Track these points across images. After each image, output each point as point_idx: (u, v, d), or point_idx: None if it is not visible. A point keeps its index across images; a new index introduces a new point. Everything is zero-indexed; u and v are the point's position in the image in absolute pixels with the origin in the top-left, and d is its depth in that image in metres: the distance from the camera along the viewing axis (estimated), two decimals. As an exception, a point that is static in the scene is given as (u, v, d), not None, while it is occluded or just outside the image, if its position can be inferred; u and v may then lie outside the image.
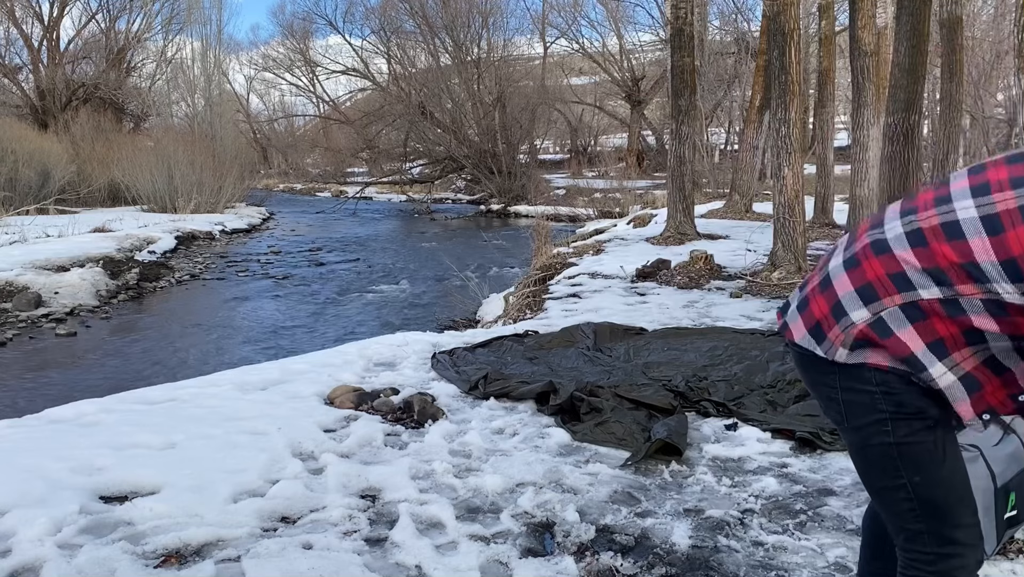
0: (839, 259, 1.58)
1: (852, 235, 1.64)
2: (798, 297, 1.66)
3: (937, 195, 1.49)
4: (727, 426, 3.76)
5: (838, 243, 1.69)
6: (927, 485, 1.53)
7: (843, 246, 1.63)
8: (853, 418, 1.56)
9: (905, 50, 8.77)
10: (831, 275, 1.57)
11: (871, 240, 1.53)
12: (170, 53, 30.55)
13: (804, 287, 1.66)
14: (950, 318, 1.43)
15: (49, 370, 6.92)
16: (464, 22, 28.23)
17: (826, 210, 12.56)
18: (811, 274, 1.69)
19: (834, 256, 1.62)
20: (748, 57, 24.58)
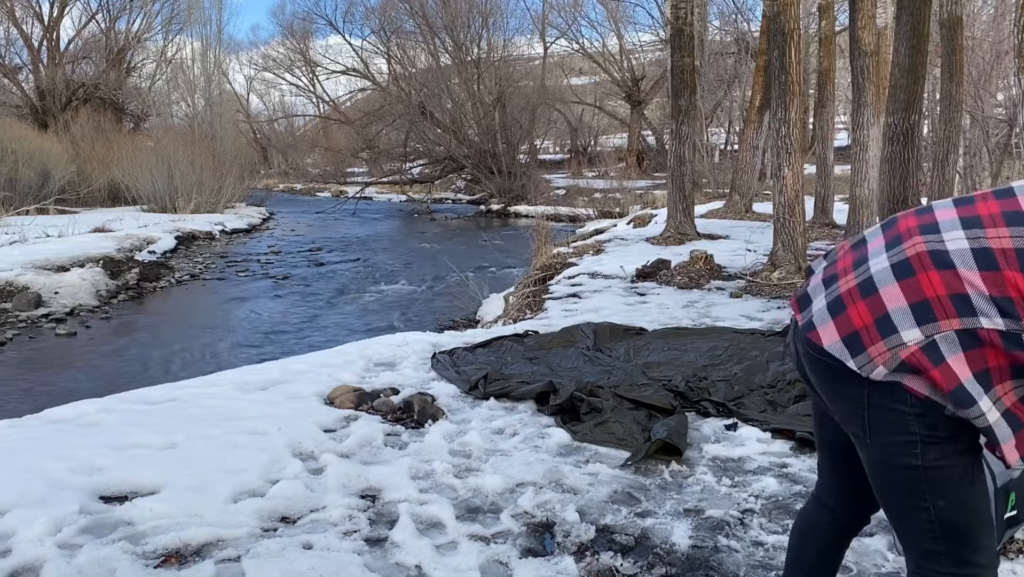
0: (883, 260, 1.43)
1: (892, 226, 1.51)
2: (826, 293, 1.50)
3: (1005, 209, 1.37)
4: (727, 426, 3.76)
5: (866, 232, 1.57)
6: (951, 509, 1.44)
7: (879, 238, 1.49)
8: (878, 436, 1.45)
9: (905, 50, 8.77)
10: (876, 280, 1.42)
11: (928, 248, 1.39)
12: (170, 53, 30.58)
13: (833, 282, 1.51)
14: (1005, 351, 1.33)
15: (49, 370, 6.92)
16: (464, 22, 28.23)
17: (826, 210, 12.56)
18: (836, 263, 1.55)
19: (871, 251, 1.47)
20: (748, 57, 24.58)
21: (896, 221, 1.53)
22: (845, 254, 1.57)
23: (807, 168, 9.87)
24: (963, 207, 1.45)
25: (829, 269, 1.56)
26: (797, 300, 1.60)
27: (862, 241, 1.56)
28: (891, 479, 1.48)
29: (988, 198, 1.44)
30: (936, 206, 1.50)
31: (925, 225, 1.44)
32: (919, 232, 1.43)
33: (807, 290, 1.59)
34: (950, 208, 1.46)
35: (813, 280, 1.60)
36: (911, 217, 1.50)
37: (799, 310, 1.58)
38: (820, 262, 1.65)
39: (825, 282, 1.54)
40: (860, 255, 1.51)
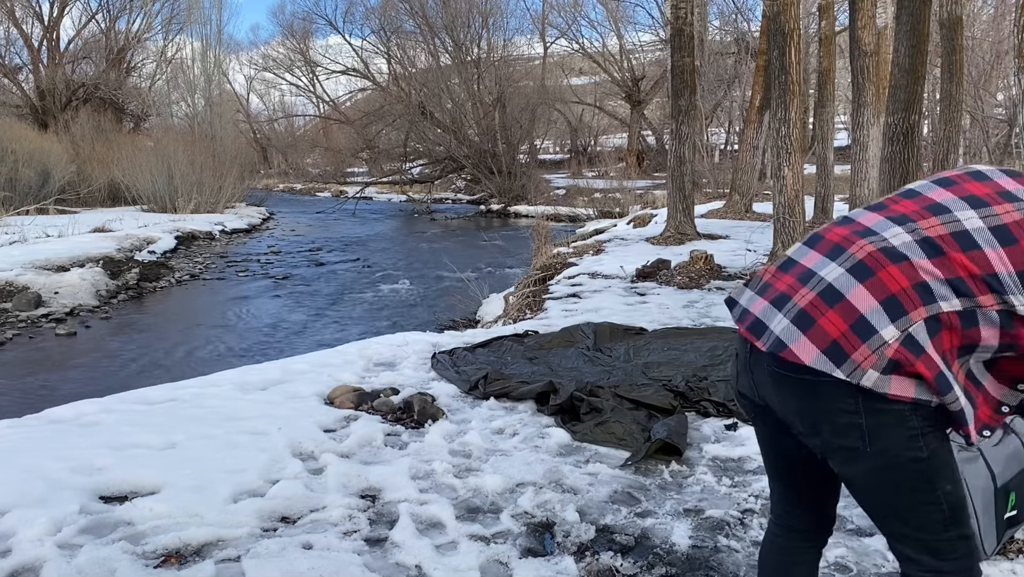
0: (834, 267, 1.46)
1: (821, 240, 1.54)
2: (783, 311, 1.49)
3: (923, 205, 1.47)
4: (727, 426, 3.76)
5: (789, 252, 1.59)
6: (955, 490, 1.49)
7: (812, 253, 1.52)
8: (878, 441, 1.43)
9: (905, 50, 8.77)
10: (837, 286, 1.43)
11: (877, 247, 1.43)
12: (170, 53, 30.57)
13: (785, 300, 1.49)
14: (959, 331, 1.39)
15: (49, 370, 6.92)
16: (464, 22, 28.24)
17: (826, 210, 12.55)
18: (773, 285, 1.55)
19: (813, 265, 1.50)
20: (748, 57, 24.58)
21: (822, 236, 1.56)
22: (777, 275, 1.56)
23: (807, 168, 9.86)
24: (882, 211, 1.52)
25: (770, 292, 1.54)
26: (748, 329, 1.55)
27: (790, 261, 1.56)
28: (896, 481, 1.47)
29: (898, 200, 1.53)
30: (854, 215, 1.55)
31: (860, 231, 1.48)
32: (859, 236, 1.47)
33: (756, 316, 1.54)
34: (869, 214, 1.53)
35: (755, 306, 1.56)
36: (837, 228, 1.54)
37: (756, 337, 1.52)
38: (742, 290, 1.63)
39: (775, 303, 1.51)
40: (800, 271, 1.51)
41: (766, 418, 1.63)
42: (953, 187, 1.49)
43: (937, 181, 1.54)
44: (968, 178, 1.50)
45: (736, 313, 1.62)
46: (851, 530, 2.72)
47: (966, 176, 1.52)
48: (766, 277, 1.59)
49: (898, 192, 1.57)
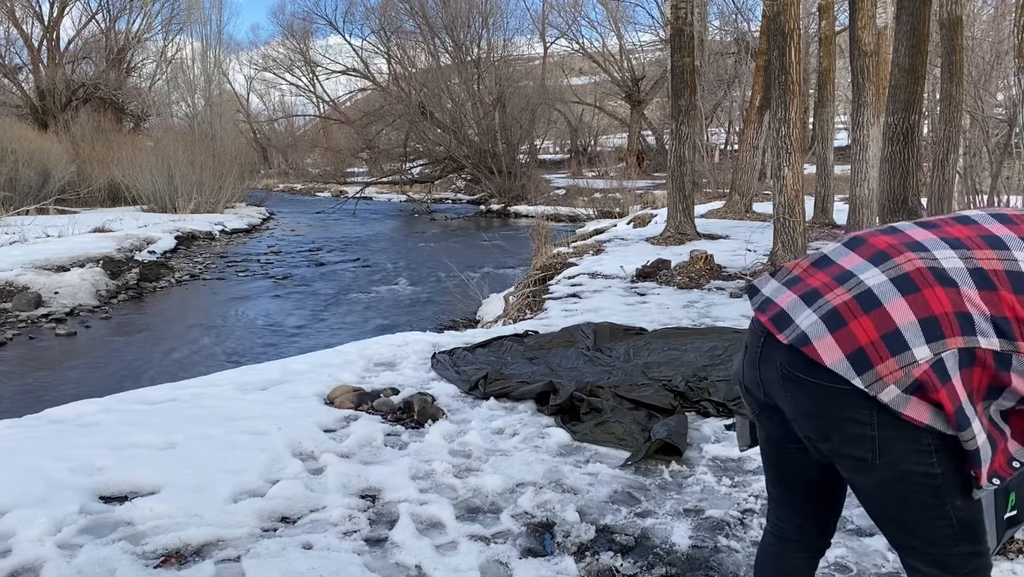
0: (878, 273, 1.40)
1: (864, 244, 1.48)
2: (813, 307, 1.43)
3: (980, 233, 1.42)
4: (727, 426, 3.76)
5: (827, 251, 1.54)
6: (967, 507, 1.44)
7: (852, 255, 1.47)
8: (889, 453, 1.39)
9: (905, 50, 8.77)
10: (877, 292, 1.37)
11: (927, 265, 1.37)
12: (170, 53, 30.56)
13: (816, 297, 1.44)
14: (992, 371, 1.34)
15: (49, 370, 6.92)
16: (464, 22, 28.23)
17: (826, 210, 12.56)
18: (803, 279, 1.49)
19: (854, 267, 1.44)
20: (748, 57, 24.58)
21: (865, 240, 1.49)
22: (810, 270, 1.50)
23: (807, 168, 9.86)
24: (933, 229, 1.45)
25: (800, 286, 1.48)
26: (771, 320, 1.48)
27: (826, 259, 1.51)
28: (905, 495, 1.43)
29: (952, 224, 1.47)
30: (902, 227, 1.49)
31: (910, 243, 1.43)
32: (908, 249, 1.41)
33: (782, 308, 1.47)
34: (919, 229, 1.46)
35: (782, 297, 1.49)
36: (883, 236, 1.48)
37: (779, 329, 1.46)
38: (767, 280, 1.57)
39: (805, 297, 1.45)
40: (837, 271, 1.45)
41: (772, 416, 1.58)
42: (1013, 226, 1.43)
43: (996, 216, 1.48)
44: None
45: (756, 301, 1.54)
46: (851, 530, 2.72)
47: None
48: (797, 271, 1.53)
49: (951, 216, 1.52)
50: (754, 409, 1.65)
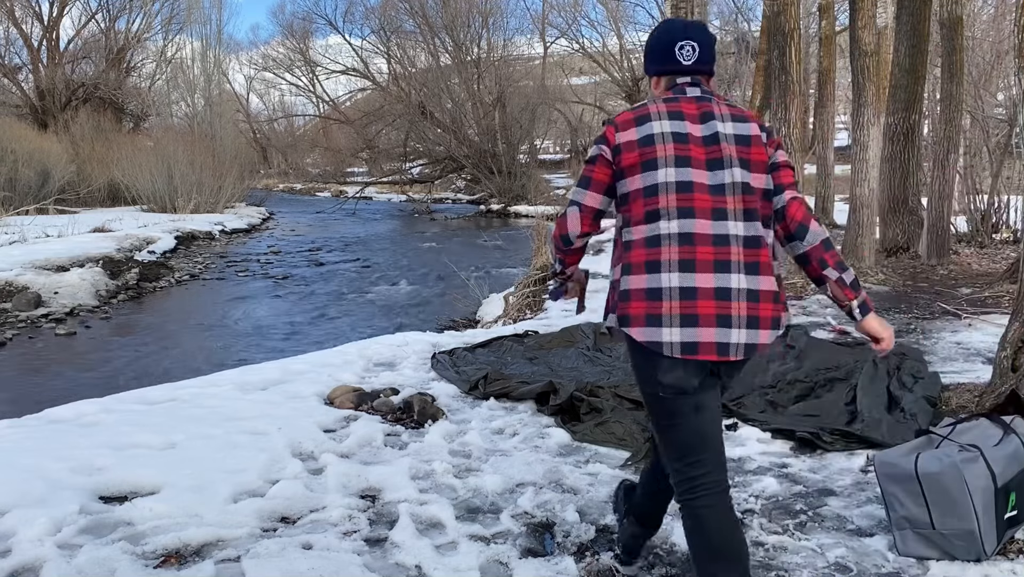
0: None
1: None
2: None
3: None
4: (727, 426, 3.75)
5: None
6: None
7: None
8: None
9: (905, 50, 8.77)
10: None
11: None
12: (170, 53, 30.53)
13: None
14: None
15: (49, 370, 6.92)
16: (464, 22, 28.22)
17: (826, 210, 12.55)
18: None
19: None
20: (748, 57, 24.57)
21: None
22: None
23: (807, 168, 9.85)
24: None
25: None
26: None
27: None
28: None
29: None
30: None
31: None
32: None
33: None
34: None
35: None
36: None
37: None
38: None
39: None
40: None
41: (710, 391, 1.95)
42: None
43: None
44: None
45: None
46: (851, 530, 2.72)
47: None
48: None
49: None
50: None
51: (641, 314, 1.88)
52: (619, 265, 1.99)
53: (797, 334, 5.14)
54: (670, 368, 1.87)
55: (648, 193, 1.92)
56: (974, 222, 9.80)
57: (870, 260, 8.03)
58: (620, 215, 2.01)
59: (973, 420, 2.71)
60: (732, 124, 1.98)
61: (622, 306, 1.92)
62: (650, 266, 1.89)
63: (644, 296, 1.88)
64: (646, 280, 1.89)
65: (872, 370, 4.25)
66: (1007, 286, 6.53)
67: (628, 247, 1.96)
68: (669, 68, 2.05)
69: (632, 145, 1.94)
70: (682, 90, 2.02)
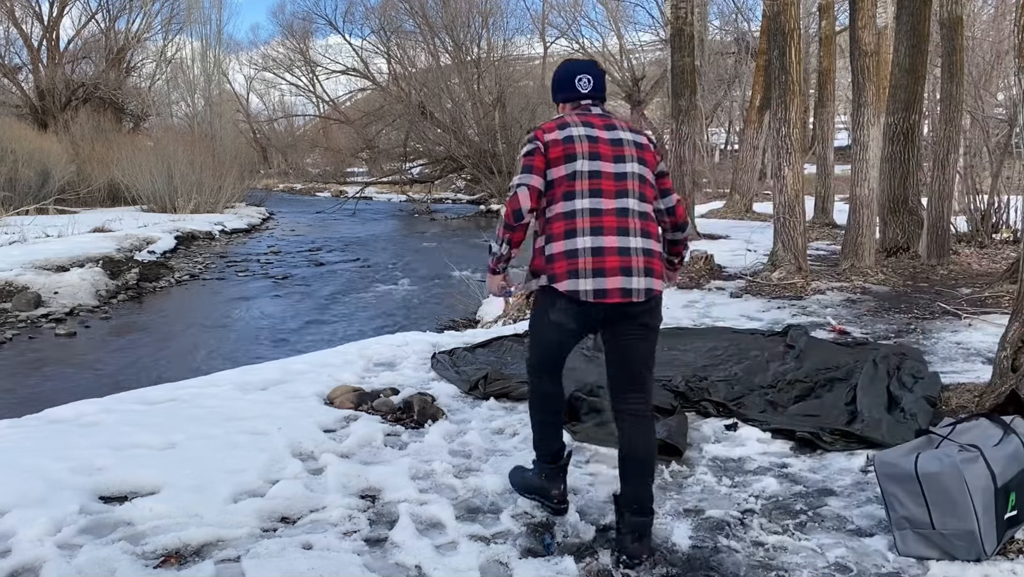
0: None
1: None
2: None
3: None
4: (727, 426, 3.76)
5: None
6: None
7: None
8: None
9: (905, 50, 8.77)
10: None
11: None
12: (170, 53, 30.52)
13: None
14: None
15: (49, 370, 6.92)
16: (464, 22, 28.21)
17: (826, 210, 12.57)
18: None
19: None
20: (748, 57, 24.58)
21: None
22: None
23: (807, 168, 9.85)
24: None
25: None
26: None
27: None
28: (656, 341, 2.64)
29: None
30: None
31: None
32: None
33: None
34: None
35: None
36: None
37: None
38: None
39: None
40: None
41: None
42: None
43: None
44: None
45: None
46: (851, 530, 2.72)
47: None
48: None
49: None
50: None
51: (564, 272, 2.45)
52: (544, 235, 2.55)
53: (797, 334, 5.14)
54: (575, 313, 2.49)
55: (569, 179, 2.50)
56: (974, 222, 9.81)
57: (870, 260, 8.04)
58: (546, 197, 2.55)
59: (973, 420, 2.71)
60: (630, 134, 2.65)
61: (549, 268, 2.49)
62: (568, 233, 2.46)
63: (564, 256, 2.45)
64: (565, 244, 2.46)
65: (872, 370, 4.25)
66: (1007, 286, 6.53)
67: (550, 221, 2.52)
68: (573, 96, 2.72)
69: (557, 143, 2.53)
70: (587, 109, 2.68)
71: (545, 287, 2.52)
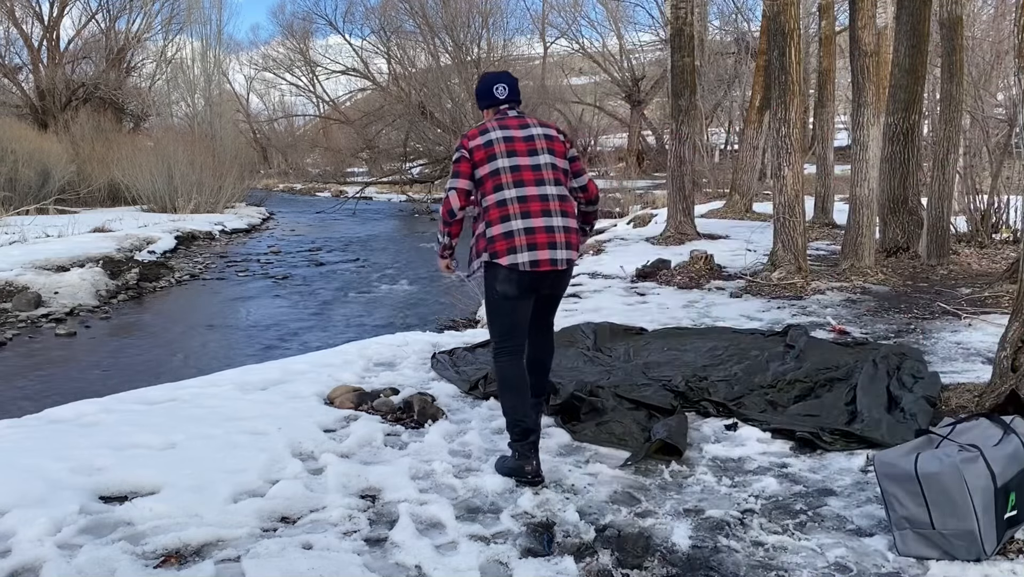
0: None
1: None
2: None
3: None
4: (727, 426, 3.76)
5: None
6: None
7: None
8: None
9: (905, 50, 8.77)
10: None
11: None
12: (170, 53, 30.50)
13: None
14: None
15: (49, 370, 6.92)
16: (464, 22, 28.22)
17: (826, 210, 12.56)
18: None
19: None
20: (748, 57, 24.58)
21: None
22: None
23: (807, 168, 9.85)
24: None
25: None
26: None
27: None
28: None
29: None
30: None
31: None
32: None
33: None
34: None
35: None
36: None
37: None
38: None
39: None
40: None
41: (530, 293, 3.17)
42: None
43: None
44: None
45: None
46: (851, 530, 2.72)
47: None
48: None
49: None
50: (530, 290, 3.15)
51: (503, 249, 3.04)
52: (482, 223, 3.12)
53: (797, 334, 5.14)
54: (517, 281, 3.07)
55: (494, 174, 3.09)
56: (974, 222, 9.80)
57: (870, 260, 8.04)
58: (479, 191, 3.12)
59: (973, 420, 2.71)
60: (541, 129, 3.22)
61: (491, 247, 3.07)
62: (503, 218, 3.05)
63: (503, 237, 3.04)
64: (502, 228, 3.05)
65: (872, 370, 4.25)
66: (1007, 286, 6.53)
67: (486, 209, 3.10)
68: (493, 102, 3.28)
69: (479, 147, 3.11)
70: (504, 113, 3.24)
71: (488, 263, 3.10)
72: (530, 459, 3.09)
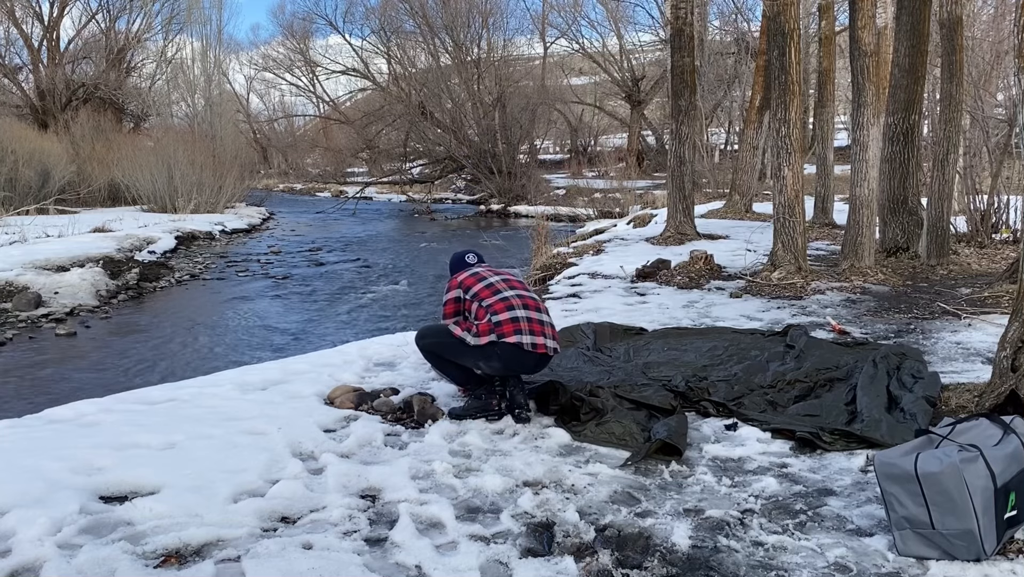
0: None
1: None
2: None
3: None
4: (727, 426, 3.76)
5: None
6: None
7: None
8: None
9: (905, 50, 8.76)
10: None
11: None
12: (170, 53, 30.53)
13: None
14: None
15: (49, 370, 6.92)
16: (464, 22, 28.21)
17: (826, 210, 12.56)
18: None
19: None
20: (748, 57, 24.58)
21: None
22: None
23: (807, 168, 9.85)
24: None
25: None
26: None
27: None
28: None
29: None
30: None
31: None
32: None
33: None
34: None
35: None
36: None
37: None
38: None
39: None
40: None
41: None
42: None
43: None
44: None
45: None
46: (851, 530, 2.72)
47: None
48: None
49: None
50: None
51: (511, 330, 3.72)
52: (489, 313, 3.78)
53: (797, 334, 5.14)
54: (512, 355, 3.75)
55: (487, 287, 3.88)
56: (974, 222, 9.80)
57: (870, 260, 8.03)
58: (474, 302, 3.88)
59: (973, 420, 2.71)
60: (509, 275, 4.07)
61: (498, 329, 3.72)
62: (508, 308, 3.77)
63: (510, 321, 3.73)
64: (507, 314, 3.75)
65: (872, 370, 4.25)
66: (1007, 286, 6.53)
67: (491, 306, 3.79)
68: (466, 267, 4.15)
69: (468, 278, 3.97)
70: (478, 268, 4.09)
71: (493, 342, 3.72)
72: (493, 395, 3.77)
